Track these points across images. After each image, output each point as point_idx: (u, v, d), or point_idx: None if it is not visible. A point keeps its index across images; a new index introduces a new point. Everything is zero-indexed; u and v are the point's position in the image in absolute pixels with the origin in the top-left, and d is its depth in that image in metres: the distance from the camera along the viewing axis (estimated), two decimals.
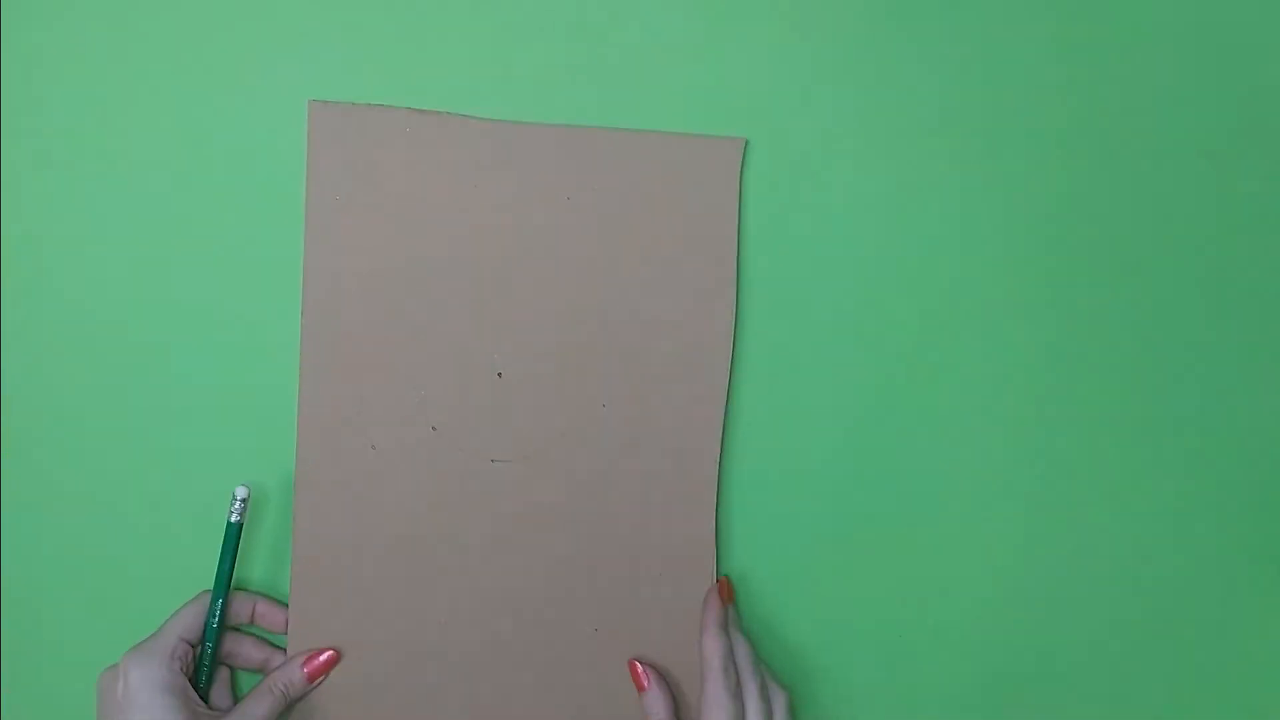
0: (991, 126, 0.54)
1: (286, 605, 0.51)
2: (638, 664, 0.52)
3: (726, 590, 0.53)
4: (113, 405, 0.50)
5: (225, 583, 0.49)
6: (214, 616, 0.49)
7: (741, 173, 0.52)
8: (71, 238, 0.50)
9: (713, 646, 0.49)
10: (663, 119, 0.52)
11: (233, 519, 0.49)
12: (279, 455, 0.51)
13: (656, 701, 0.51)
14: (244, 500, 0.49)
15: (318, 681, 0.51)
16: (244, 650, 0.51)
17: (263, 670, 0.51)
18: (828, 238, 0.54)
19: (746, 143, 0.52)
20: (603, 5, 0.51)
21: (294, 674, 0.50)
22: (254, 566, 0.52)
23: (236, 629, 0.51)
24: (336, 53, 0.50)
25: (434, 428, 0.52)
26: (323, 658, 0.51)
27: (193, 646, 0.48)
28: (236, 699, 0.51)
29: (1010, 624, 0.57)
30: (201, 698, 0.48)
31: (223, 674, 0.51)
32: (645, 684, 0.52)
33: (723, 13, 0.52)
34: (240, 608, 0.50)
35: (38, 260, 0.50)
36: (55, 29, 0.49)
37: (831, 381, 0.54)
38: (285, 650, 0.51)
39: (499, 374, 0.52)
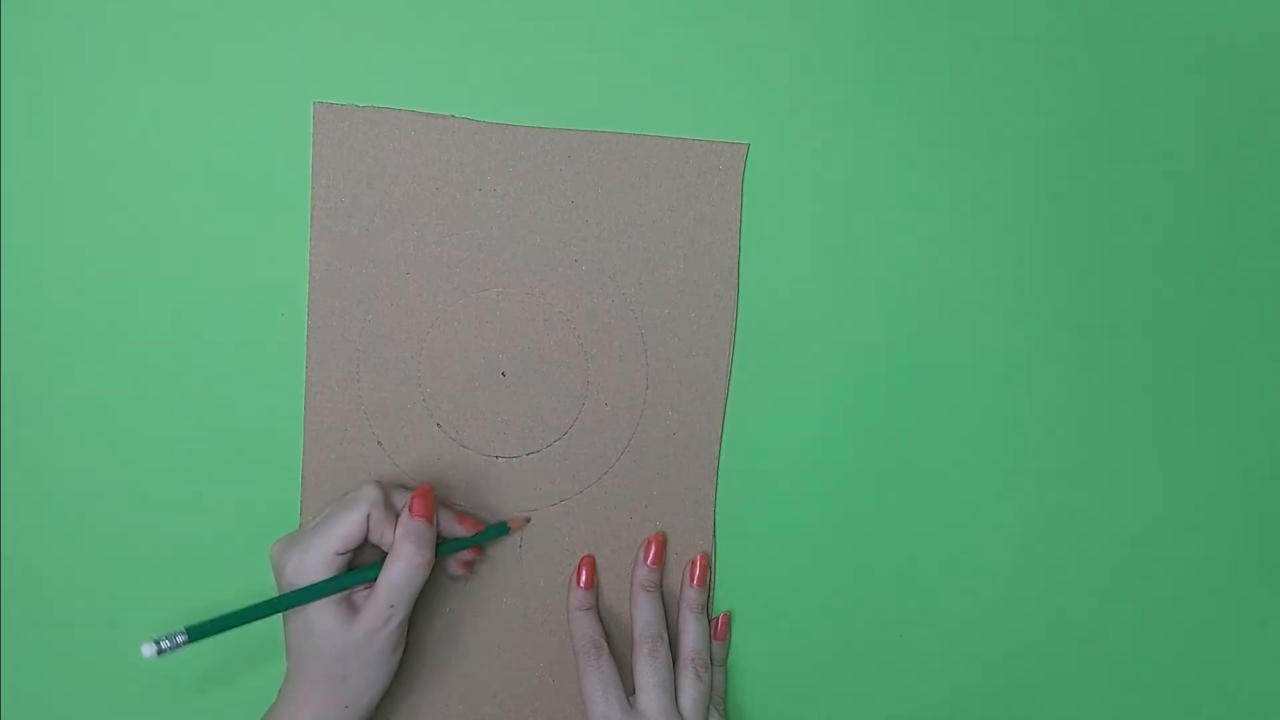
0: (990, 130, 0.54)
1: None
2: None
3: (658, 553, 0.54)
4: (119, 405, 0.51)
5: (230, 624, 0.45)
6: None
7: (743, 177, 0.53)
8: (76, 239, 0.50)
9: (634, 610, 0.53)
10: (666, 123, 0.52)
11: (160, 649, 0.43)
12: (286, 451, 0.52)
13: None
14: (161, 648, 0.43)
15: (434, 518, 0.48)
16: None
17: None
18: (828, 241, 0.54)
19: (749, 147, 0.53)
20: (607, 10, 0.51)
21: (411, 525, 0.47)
22: (261, 561, 0.52)
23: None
24: (342, 55, 0.50)
25: (439, 424, 0.52)
26: (422, 493, 0.47)
27: (349, 553, 0.46)
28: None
29: (1010, 623, 0.57)
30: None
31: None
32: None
33: (726, 18, 0.52)
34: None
35: (42, 261, 0.50)
36: (59, 31, 0.49)
37: (831, 382, 0.55)
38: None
39: (502, 373, 0.53)
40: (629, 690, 0.52)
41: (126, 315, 0.51)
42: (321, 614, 0.46)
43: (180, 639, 0.43)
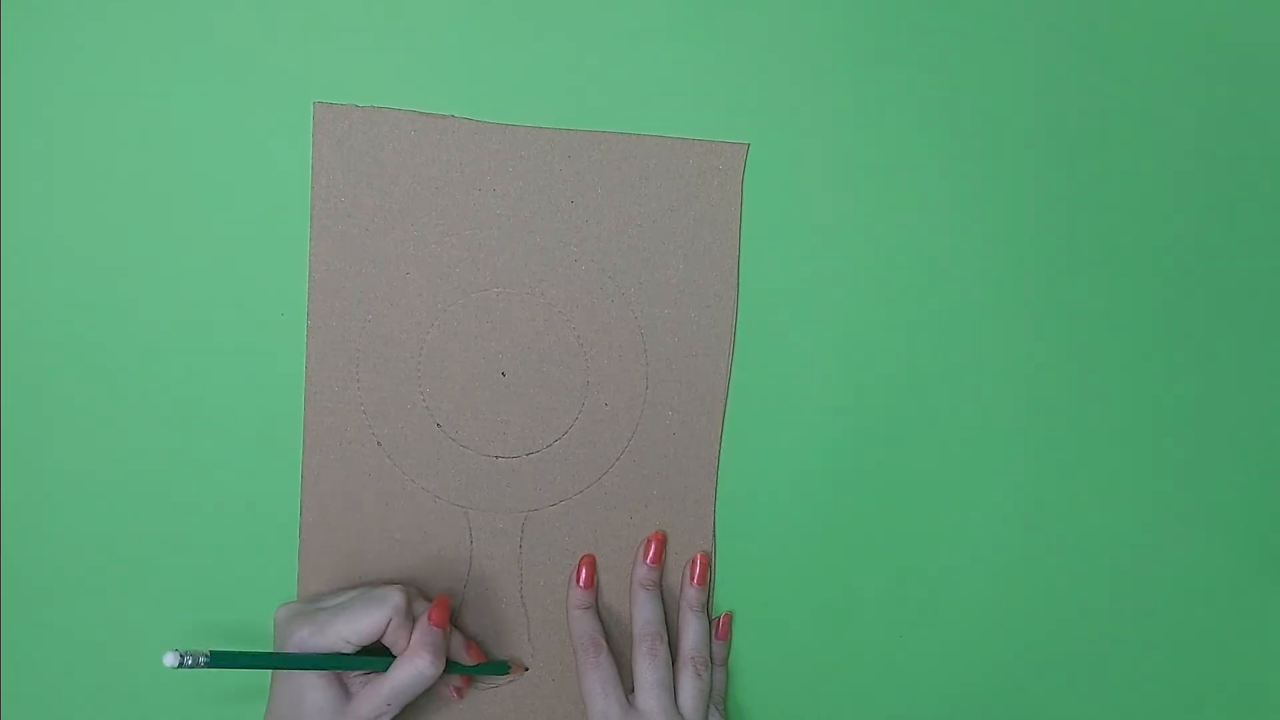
0: (989, 130, 0.54)
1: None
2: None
3: (657, 553, 0.54)
4: (119, 405, 0.51)
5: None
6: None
7: (743, 177, 0.53)
8: (75, 239, 0.50)
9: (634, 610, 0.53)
10: (666, 123, 0.52)
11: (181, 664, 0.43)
12: (286, 451, 0.52)
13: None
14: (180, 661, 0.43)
15: (448, 630, 0.48)
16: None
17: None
18: (828, 241, 0.54)
19: (749, 147, 0.53)
20: (607, 10, 0.51)
21: (430, 634, 0.47)
22: (261, 561, 0.53)
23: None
24: (342, 55, 0.50)
25: (438, 424, 0.52)
26: (436, 604, 0.48)
27: (356, 647, 0.47)
28: None
29: (1010, 624, 0.57)
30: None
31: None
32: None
33: (726, 18, 0.52)
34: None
35: (41, 260, 0.50)
36: (58, 31, 0.49)
37: (831, 382, 0.55)
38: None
39: (502, 373, 0.53)
40: (628, 689, 0.52)
41: (126, 315, 0.51)
42: (316, 689, 0.46)
43: (203, 659, 0.43)
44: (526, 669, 0.54)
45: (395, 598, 0.47)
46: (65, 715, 0.52)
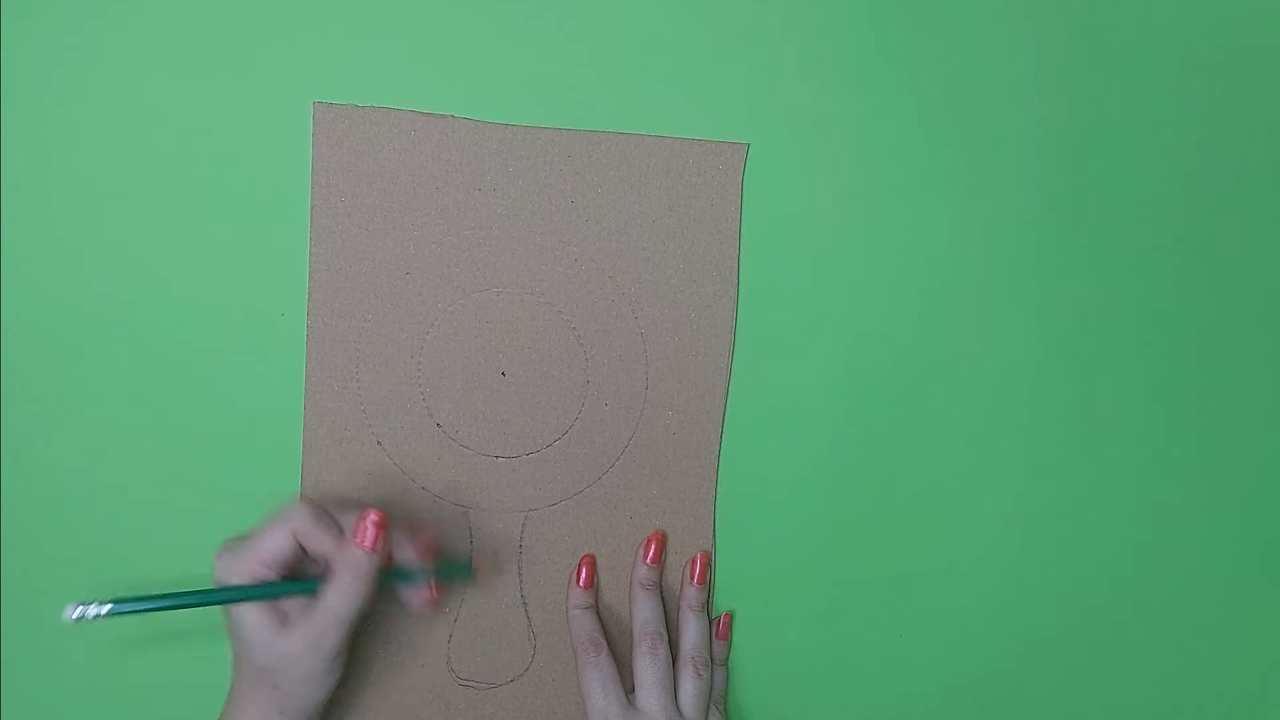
0: (991, 129, 0.54)
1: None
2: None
3: (657, 551, 0.54)
4: (119, 405, 0.51)
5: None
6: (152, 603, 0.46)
7: (743, 177, 0.53)
8: (75, 239, 0.50)
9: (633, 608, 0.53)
10: (666, 123, 0.52)
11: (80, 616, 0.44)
12: (286, 452, 0.52)
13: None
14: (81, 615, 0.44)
15: (383, 550, 0.46)
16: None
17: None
18: (828, 241, 0.54)
19: (749, 147, 0.53)
20: (607, 10, 0.51)
21: (349, 555, 0.46)
22: None
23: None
24: (342, 55, 0.50)
25: (439, 424, 0.53)
26: (371, 522, 0.46)
27: (282, 567, 0.46)
28: None
29: (1010, 624, 0.57)
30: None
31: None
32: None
33: (725, 18, 0.52)
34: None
35: (41, 260, 0.50)
36: (58, 31, 0.49)
37: (831, 382, 0.55)
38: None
39: (502, 373, 0.53)
40: (629, 688, 0.52)
41: (126, 315, 0.51)
42: (250, 621, 0.45)
43: (105, 609, 0.44)
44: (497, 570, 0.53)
45: (290, 512, 0.46)
46: (65, 714, 0.52)
